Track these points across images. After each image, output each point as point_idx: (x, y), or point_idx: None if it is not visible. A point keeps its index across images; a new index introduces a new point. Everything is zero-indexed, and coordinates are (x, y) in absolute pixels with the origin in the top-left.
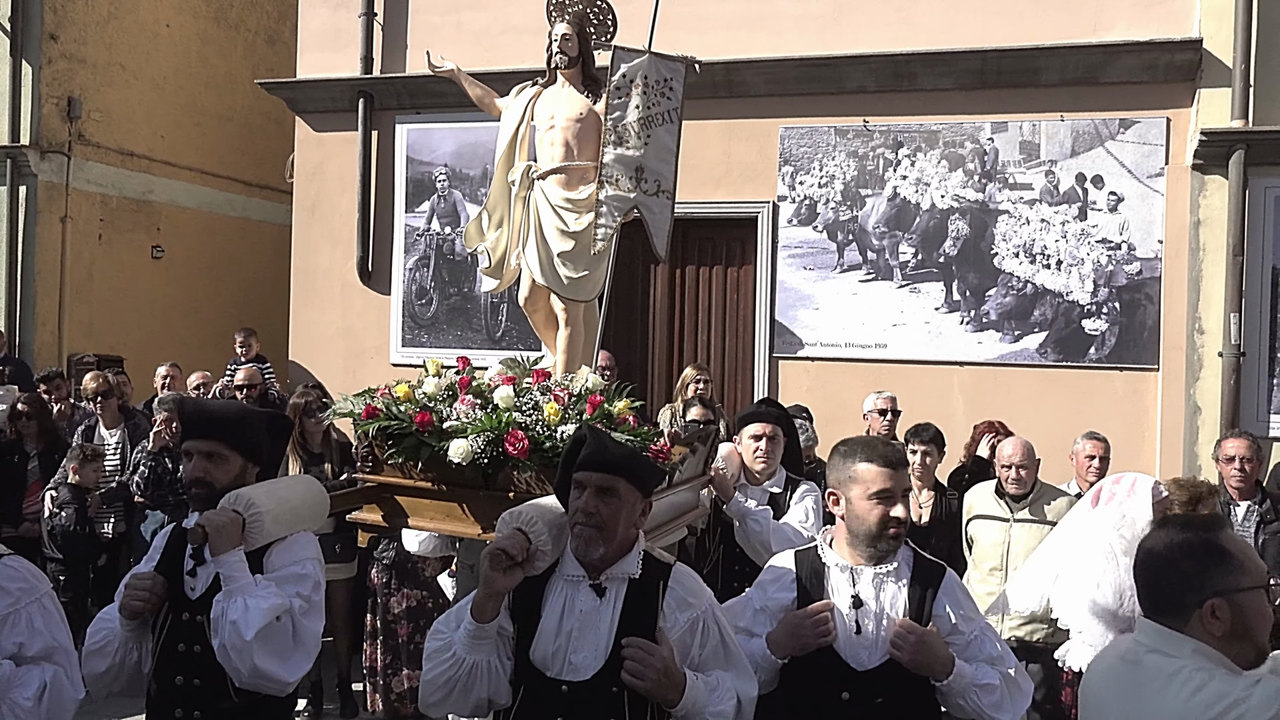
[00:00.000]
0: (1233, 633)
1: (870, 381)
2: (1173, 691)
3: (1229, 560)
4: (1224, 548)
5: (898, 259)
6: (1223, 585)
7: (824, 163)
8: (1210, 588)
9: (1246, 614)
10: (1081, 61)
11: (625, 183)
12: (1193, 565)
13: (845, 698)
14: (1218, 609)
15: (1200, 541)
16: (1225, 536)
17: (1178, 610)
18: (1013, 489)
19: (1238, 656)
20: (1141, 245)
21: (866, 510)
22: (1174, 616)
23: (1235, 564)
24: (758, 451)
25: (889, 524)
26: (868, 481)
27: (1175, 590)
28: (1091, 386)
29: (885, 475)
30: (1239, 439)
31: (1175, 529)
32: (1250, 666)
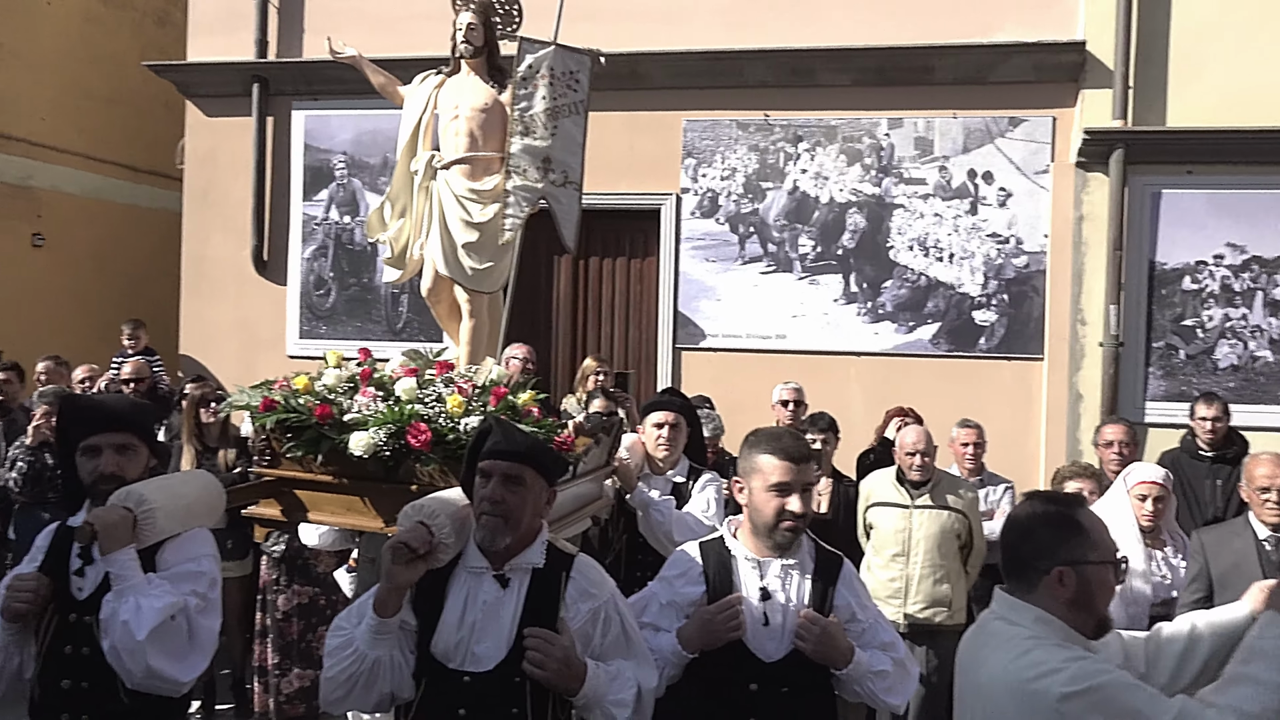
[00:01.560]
0: (1076, 600)
1: (771, 372)
2: (1002, 653)
3: (1082, 533)
4: (1079, 522)
5: (797, 251)
6: (1072, 555)
7: (726, 156)
8: (1061, 556)
9: (1091, 585)
10: (973, 61)
11: (533, 174)
12: (1048, 534)
13: (753, 689)
14: (1065, 576)
15: (1058, 514)
16: (1082, 513)
17: (1030, 574)
18: (914, 476)
19: (1080, 624)
20: (1028, 239)
21: (764, 501)
22: (1026, 580)
23: (1087, 538)
24: (660, 440)
25: (784, 517)
26: (766, 473)
27: (1030, 555)
28: (982, 375)
29: (784, 468)
30: (1116, 425)
31: (1039, 501)
32: (1092, 635)
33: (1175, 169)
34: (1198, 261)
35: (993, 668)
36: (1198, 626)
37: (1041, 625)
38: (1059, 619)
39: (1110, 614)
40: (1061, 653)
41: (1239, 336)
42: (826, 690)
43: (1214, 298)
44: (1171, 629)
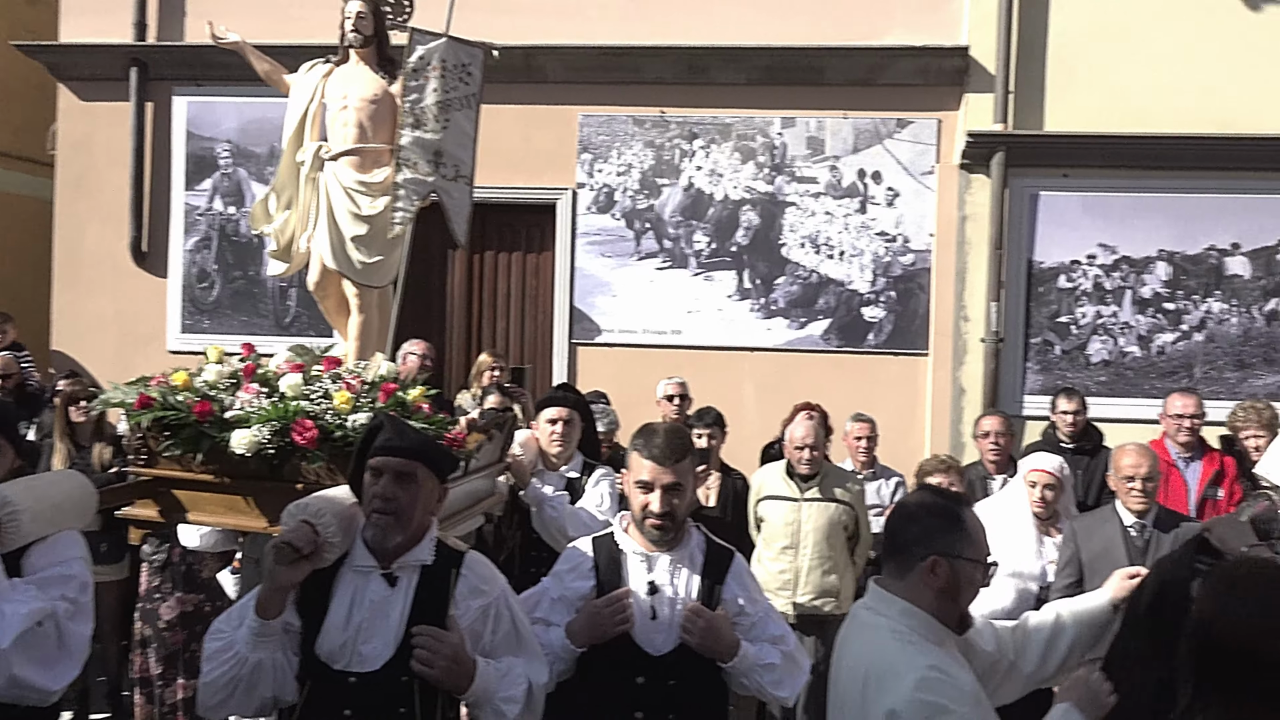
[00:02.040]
0: (945, 590)
1: (666, 367)
2: (862, 642)
3: (962, 529)
4: (961, 518)
5: (692, 248)
6: (948, 547)
7: (622, 151)
8: (938, 545)
9: (960, 579)
10: (862, 63)
11: (424, 167)
12: (931, 523)
13: (640, 682)
14: (938, 565)
15: (944, 506)
16: (966, 511)
17: (907, 558)
18: (804, 469)
19: (945, 615)
20: (915, 238)
21: (632, 496)
22: (902, 564)
23: (966, 535)
24: (554, 436)
25: (645, 514)
26: (634, 469)
27: (910, 541)
28: (870, 371)
29: (648, 467)
30: (992, 416)
31: (929, 493)
32: (955, 626)
33: (1052, 172)
34: (1072, 261)
35: (852, 656)
36: (1062, 615)
37: (906, 618)
38: (926, 610)
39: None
40: (919, 658)
41: (1110, 333)
42: (715, 683)
43: (1087, 296)
44: (1038, 618)
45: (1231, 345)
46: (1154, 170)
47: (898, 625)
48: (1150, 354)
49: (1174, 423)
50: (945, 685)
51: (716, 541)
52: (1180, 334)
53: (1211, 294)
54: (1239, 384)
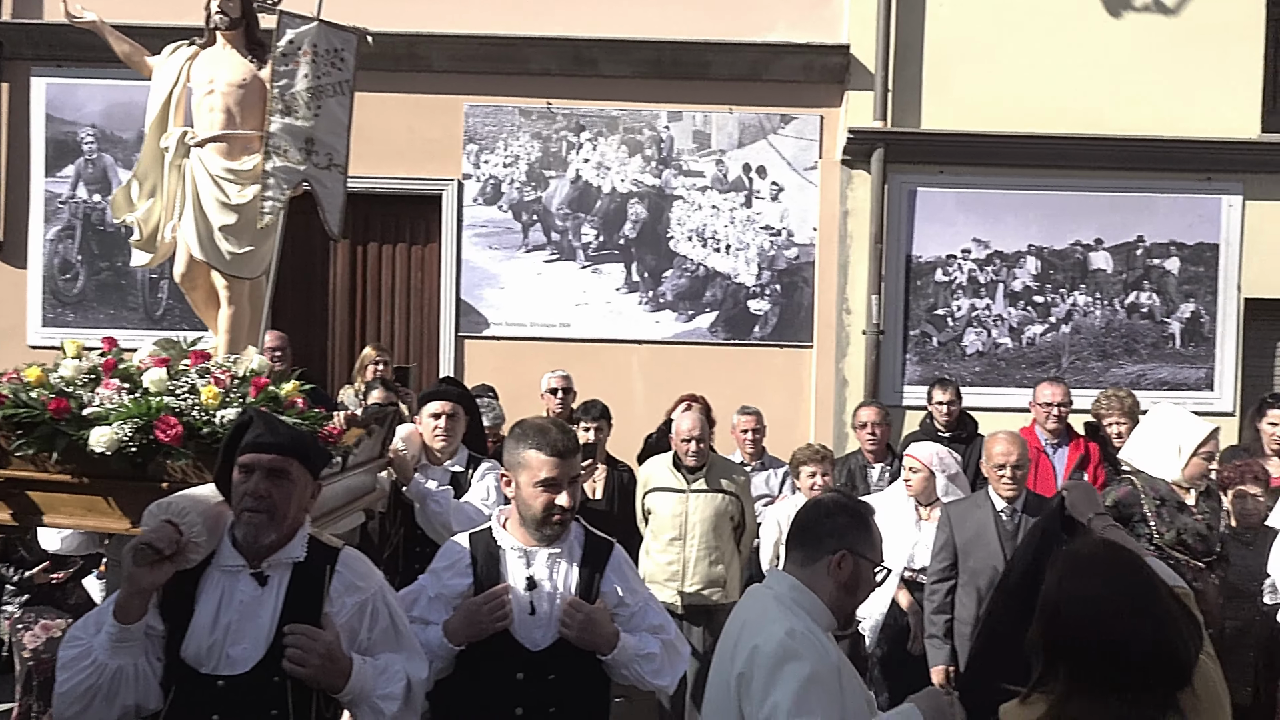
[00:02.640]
0: (846, 585)
1: (555, 360)
2: (749, 604)
3: (869, 532)
4: (869, 522)
5: (580, 240)
6: (857, 546)
7: (509, 142)
8: (847, 542)
9: (860, 577)
10: (747, 59)
11: (294, 154)
12: (844, 520)
13: (520, 678)
14: (845, 560)
15: (854, 508)
16: (871, 516)
17: (816, 549)
18: (690, 461)
19: (838, 607)
20: (799, 232)
21: (532, 497)
22: (810, 554)
23: (872, 538)
24: (437, 430)
25: (553, 511)
26: (534, 468)
27: (822, 534)
28: (757, 363)
29: (552, 464)
30: (870, 408)
31: (844, 496)
32: (844, 620)
33: (929, 169)
34: (948, 255)
35: (737, 616)
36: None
37: (795, 591)
38: (819, 596)
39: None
40: (795, 620)
41: (984, 325)
42: (596, 676)
43: (962, 289)
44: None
45: (1095, 336)
46: (1024, 168)
47: (785, 596)
48: (1021, 345)
49: (1043, 410)
50: (811, 643)
51: (595, 533)
52: (1049, 326)
53: (1077, 287)
54: (1102, 373)
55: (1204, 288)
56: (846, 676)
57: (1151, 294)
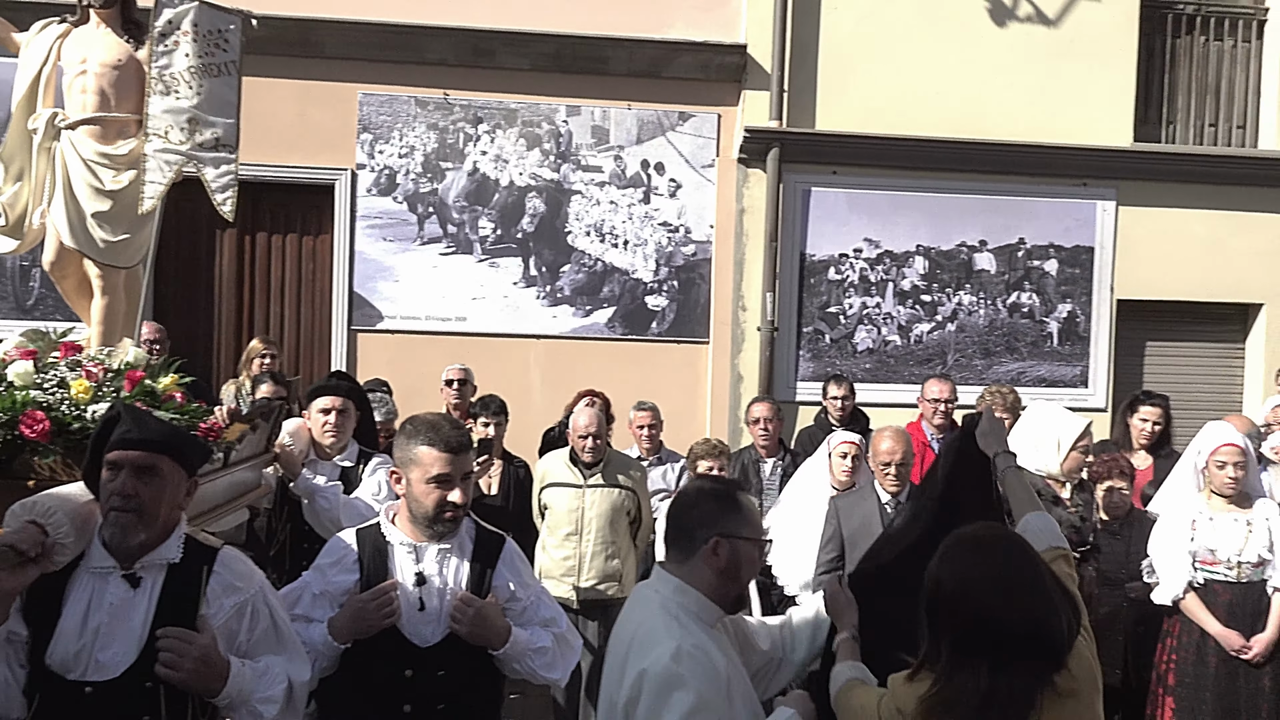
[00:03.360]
0: (726, 570)
1: (451, 354)
2: (636, 611)
3: (740, 511)
4: (738, 501)
5: (477, 233)
6: (728, 529)
7: (404, 133)
8: (718, 528)
9: (740, 558)
10: (646, 55)
11: (176, 135)
12: (710, 507)
13: (408, 675)
14: (719, 546)
15: (719, 491)
16: (741, 495)
17: (690, 542)
18: (587, 457)
19: (724, 594)
20: (696, 229)
21: (424, 493)
22: (685, 548)
23: (743, 516)
24: (326, 426)
25: (445, 508)
26: (426, 465)
27: (692, 525)
28: (654, 358)
29: (444, 460)
30: (762, 403)
31: (707, 480)
32: (730, 608)
33: (823, 169)
34: (840, 254)
35: (624, 625)
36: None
37: (680, 595)
38: (702, 590)
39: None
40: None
41: (874, 323)
42: (487, 671)
43: (854, 287)
44: (800, 614)
45: (979, 335)
46: (913, 170)
47: (670, 602)
48: (909, 342)
49: (930, 406)
50: (698, 664)
51: (486, 528)
52: (935, 324)
53: (962, 287)
54: (985, 370)
55: (1080, 289)
56: (736, 684)
57: (1031, 294)
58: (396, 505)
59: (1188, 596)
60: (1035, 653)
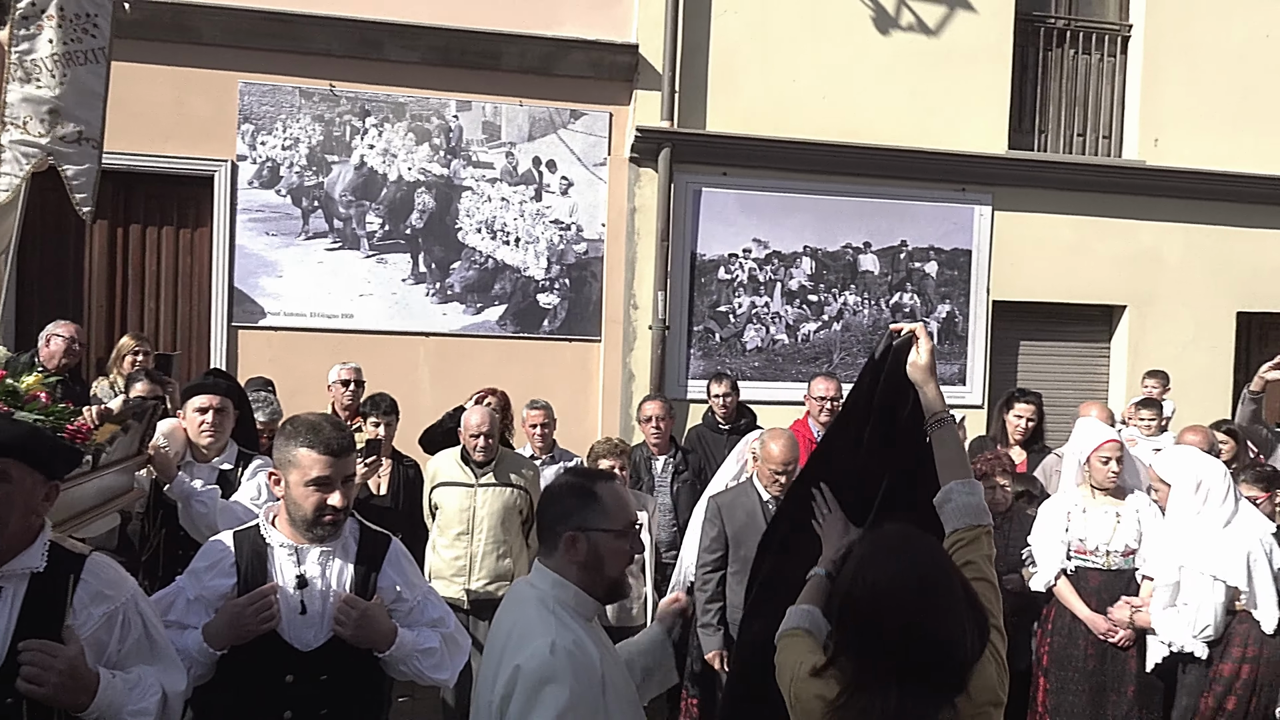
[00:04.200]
0: (587, 564)
1: (337, 352)
2: (514, 606)
3: (597, 503)
4: (596, 493)
5: (365, 229)
6: (585, 522)
7: (288, 124)
8: (574, 522)
9: (600, 550)
10: (538, 52)
11: (36, 126)
12: (567, 502)
13: (289, 680)
14: (577, 540)
15: (580, 485)
16: (602, 486)
17: (552, 536)
18: (479, 456)
19: (592, 585)
20: (588, 227)
21: (303, 496)
22: (549, 543)
23: (600, 508)
24: (204, 426)
25: (324, 511)
26: (305, 467)
27: (552, 520)
28: (545, 356)
29: (324, 462)
30: (653, 401)
31: (570, 474)
32: (604, 598)
33: (713, 170)
34: (730, 254)
35: (501, 620)
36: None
37: (557, 590)
38: (573, 582)
39: (626, 579)
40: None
41: (763, 321)
42: (372, 673)
43: (743, 287)
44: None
45: (864, 334)
46: (800, 173)
47: (548, 596)
48: (797, 341)
49: (817, 404)
50: (574, 659)
51: (371, 528)
52: (822, 323)
53: (848, 288)
54: None
55: (958, 290)
56: (612, 680)
57: (913, 295)
58: (276, 507)
59: (1060, 583)
60: (939, 675)
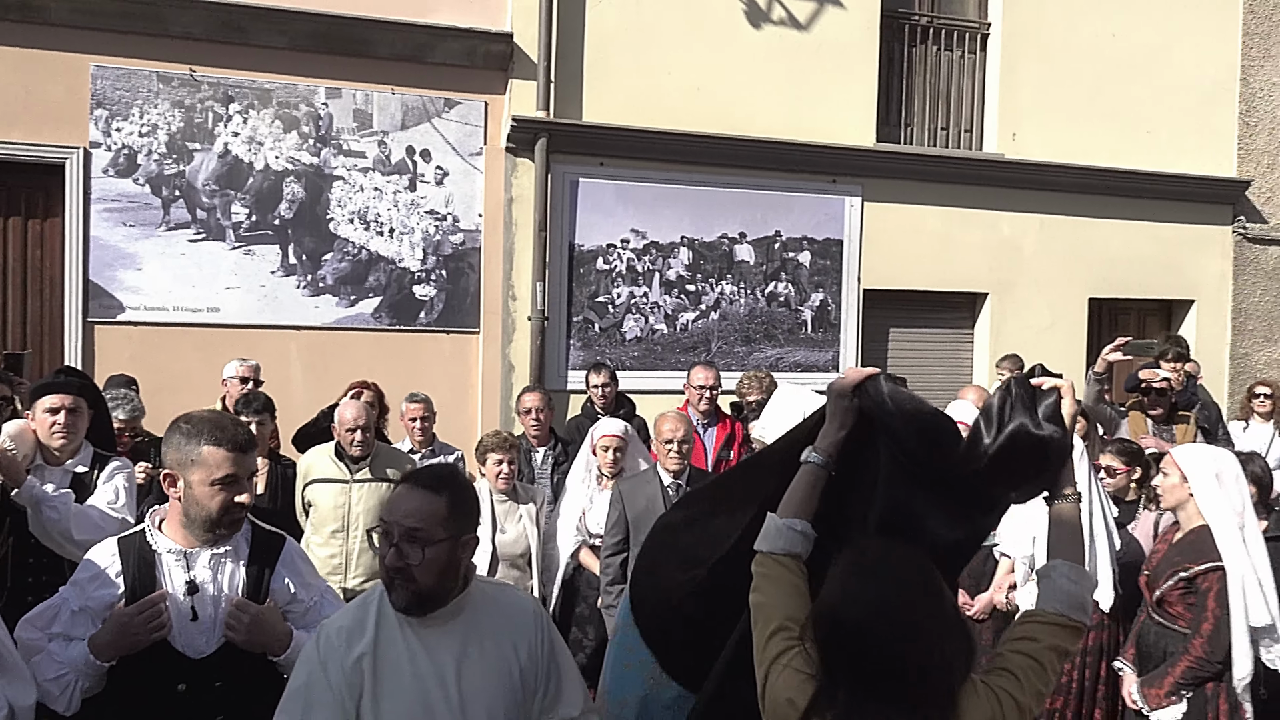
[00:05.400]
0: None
1: (203, 347)
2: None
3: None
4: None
5: (230, 219)
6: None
7: (145, 110)
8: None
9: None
10: (410, 39)
11: None
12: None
13: (181, 689)
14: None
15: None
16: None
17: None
18: (355, 451)
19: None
20: (464, 218)
21: (208, 496)
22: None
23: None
24: (55, 427)
25: (231, 510)
26: (211, 465)
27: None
28: (422, 349)
29: (232, 459)
30: (533, 393)
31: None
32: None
33: (590, 160)
34: (608, 245)
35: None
36: None
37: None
38: None
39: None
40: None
41: (642, 312)
42: (269, 678)
43: (622, 277)
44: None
45: (740, 323)
46: (676, 164)
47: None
48: (675, 331)
49: (696, 393)
50: (325, 643)
51: (264, 528)
52: (700, 313)
53: (724, 277)
54: (746, 356)
55: (831, 279)
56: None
57: (787, 284)
58: (162, 510)
59: None
60: (932, 698)
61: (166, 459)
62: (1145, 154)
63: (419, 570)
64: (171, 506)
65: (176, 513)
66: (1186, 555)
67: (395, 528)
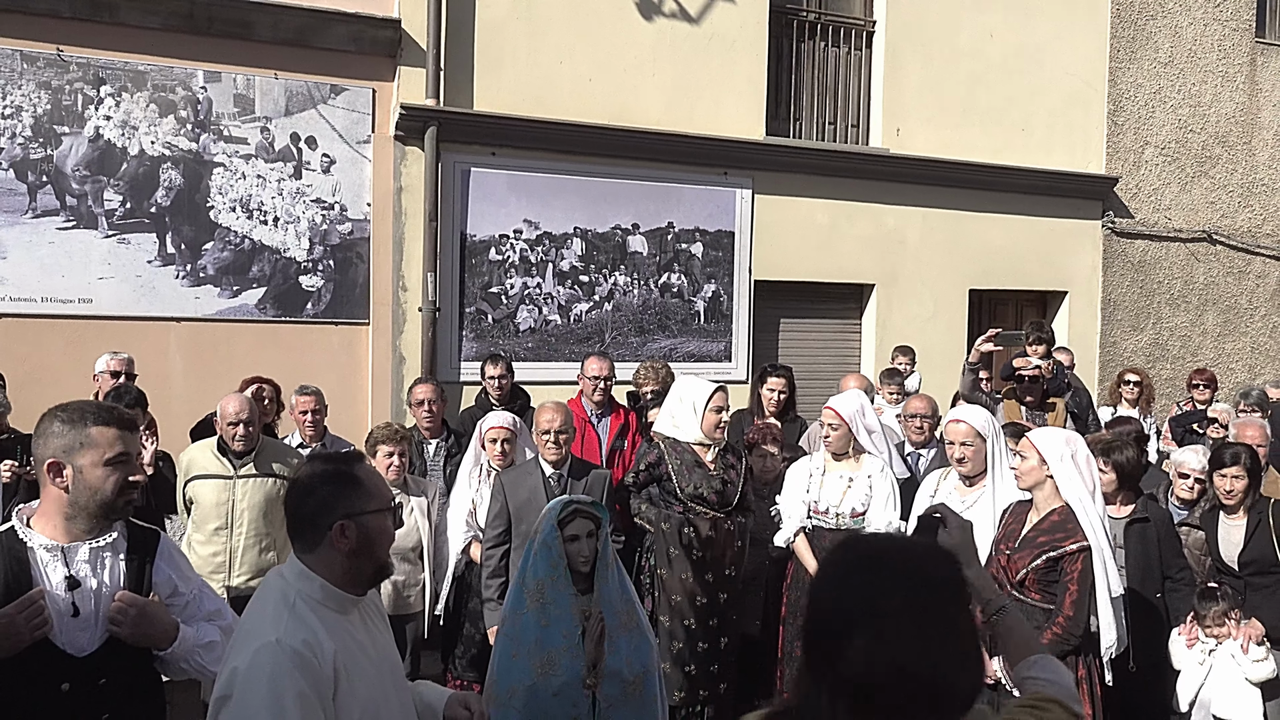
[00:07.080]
0: (358, 550)
1: (74, 340)
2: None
3: (360, 487)
4: (356, 476)
5: (103, 206)
6: (352, 508)
7: (9, 91)
8: (341, 510)
9: (370, 533)
10: (293, 23)
11: None
12: (327, 490)
13: (65, 689)
14: (346, 528)
15: (336, 471)
16: (359, 468)
17: (314, 531)
18: (238, 446)
19: (360, 572)
20: (353, 207)
21: (102, 478)
22: (310, 538)
23: (364, 490)
24: None
25: (126, 490)
26: (103, 446)
27: (313, 513)
28: (310, 340)
29: (124, 438)
30: (426, 384)
31: (319, 462)
32: (370, 580)
33: (482, 150)
34: (501, 235)
35: (242, 619)
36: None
37: (302, 581)
38: (330, 578)
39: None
40: (291, 627)
41: (535, 302)
42: (152, 673)
43: (515, 268)
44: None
45: (634, 313)
46: (569, 155)
47: (291, 589)
48: (569, 321)
49: (590, 383)
50: (295, 663)
51: (138, 523)
52: (594, 304)
53: (618, 268)
54: (640, 347)
55: (722, 270)
56: (362, 676)
57: (680, 275)
58: (31, 507)
59: (798, 540)
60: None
61: (46, 449)
62: (1021, 151)
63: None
64: (46, 501)
65: (55, 506)
66: (1053, 535)
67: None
